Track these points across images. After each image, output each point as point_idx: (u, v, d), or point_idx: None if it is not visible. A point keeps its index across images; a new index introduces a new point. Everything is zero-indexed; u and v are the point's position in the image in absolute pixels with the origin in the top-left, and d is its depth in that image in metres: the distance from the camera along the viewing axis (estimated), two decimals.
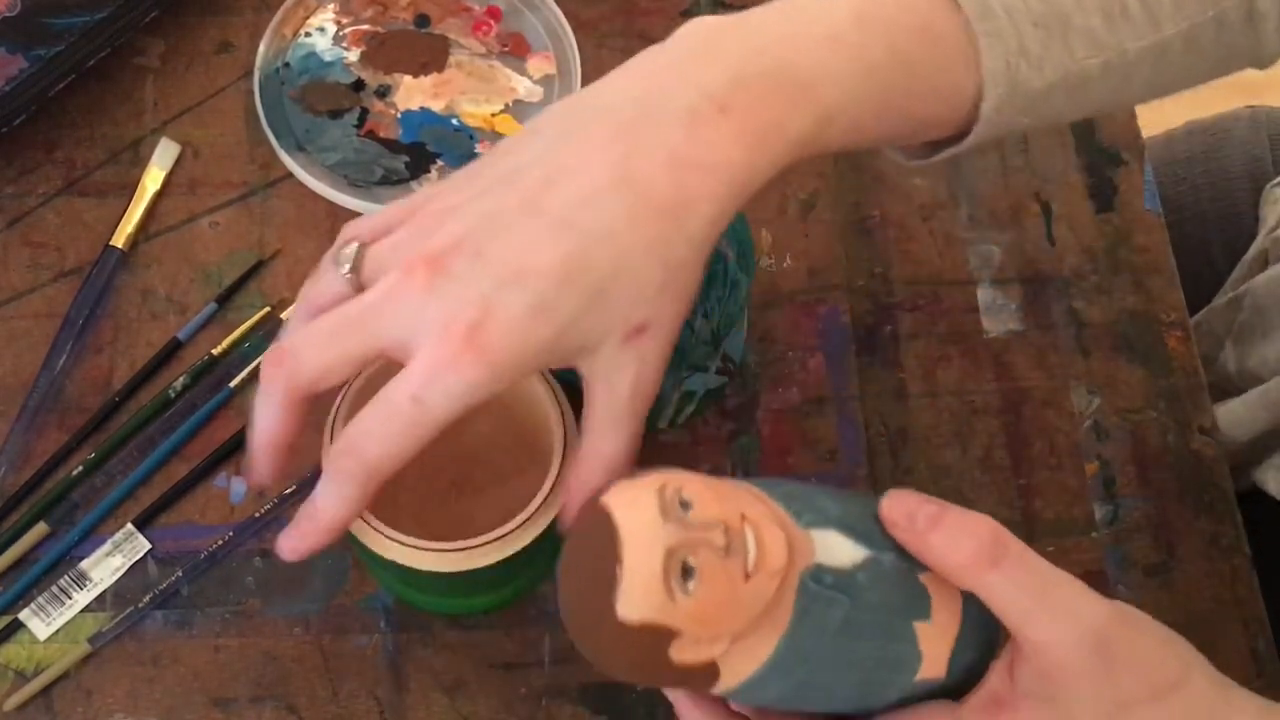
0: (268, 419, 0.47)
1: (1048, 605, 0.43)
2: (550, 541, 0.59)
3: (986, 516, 0.44)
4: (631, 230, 0.44)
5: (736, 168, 0.45)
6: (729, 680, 0.42)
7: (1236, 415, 0.72)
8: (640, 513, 0.41)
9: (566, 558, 0.43)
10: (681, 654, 0.40)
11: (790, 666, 0.42)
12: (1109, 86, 0.53)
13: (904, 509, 0.44)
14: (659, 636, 0.40)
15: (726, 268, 0.58)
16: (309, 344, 0.46)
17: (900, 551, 0.43)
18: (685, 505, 0.41)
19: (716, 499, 0.41)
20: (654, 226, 0.44)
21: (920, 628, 0.43)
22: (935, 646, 0.44)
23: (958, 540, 0.43)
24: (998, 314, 0.71)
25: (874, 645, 0.43)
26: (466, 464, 0.63)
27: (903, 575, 0.44)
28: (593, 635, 0.41)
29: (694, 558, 0.40)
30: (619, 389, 0.46)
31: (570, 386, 0.60)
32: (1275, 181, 0.85)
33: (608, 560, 0.40)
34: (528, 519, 0.54)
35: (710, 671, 0.42)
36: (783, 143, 0.46)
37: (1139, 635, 0.44)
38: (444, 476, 0.63)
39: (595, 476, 0.46)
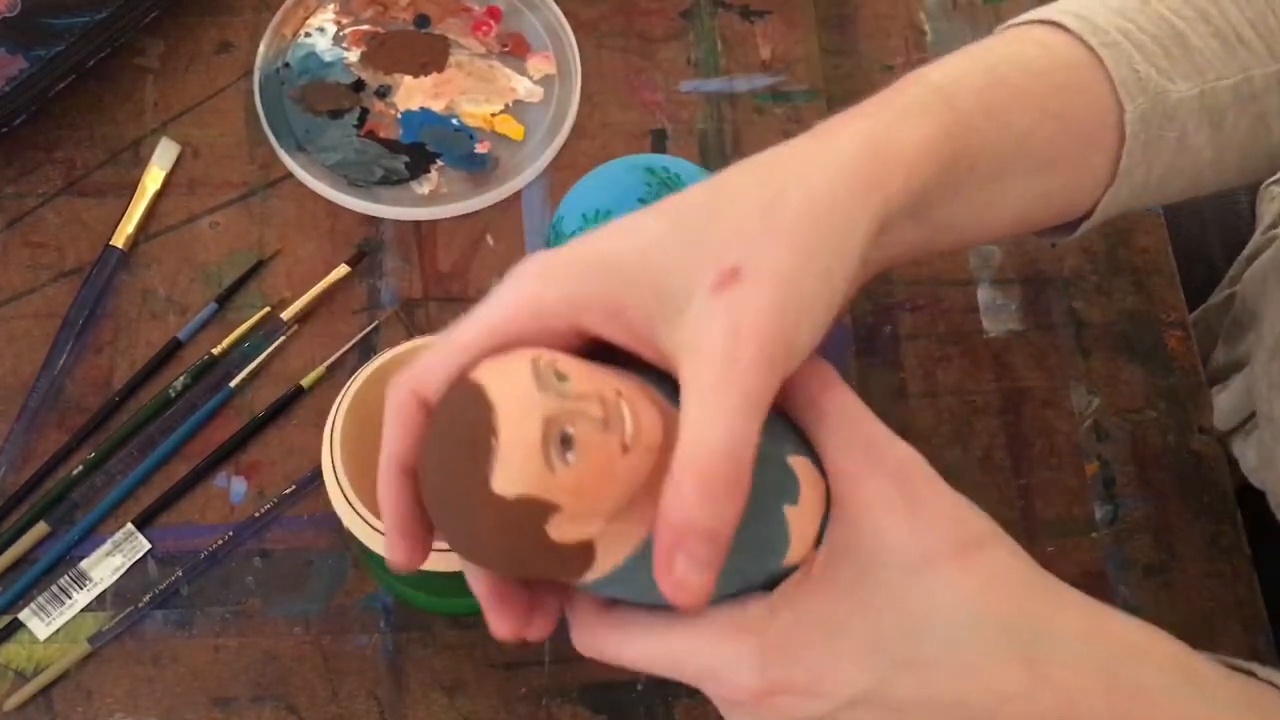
0: None
1: (857, 432, 0.41)
2: None
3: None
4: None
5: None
6: (601, 566, 0.40)
7: (1227, 403, 0.71)
8: (514, 382, 0.38)
9: (433, 436, 0.40)
10: (559, 531, 0.38)
11: None
12: (1247, 118, 0.52)
13: None
14: (537, 512, 0.37)
15: None
16: None
17: (768, 435, 0.40)
18: (560, 377, 0.38)
19: (590, 373, 0.39)
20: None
21: (788, 511, 0.42)
22: (803, 529, 0.42)
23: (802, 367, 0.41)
24: (998, 314, 0.71)
25: (745, 529, 0.40)
26: None
27: (771, 459, 0.42)
28: (463, 515, 0.38)
29: (572, 428, 0.37)
30: (708, 350, 0.38)
31: None
32: (1273, 179, 0.85)
33: (481, 432, 0.37)
34: None
35: (586, 554, 0.39)
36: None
37: (942, 486, 0.41)
38: None
39: (688, 484, 0.37)
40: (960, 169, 0.45)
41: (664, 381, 0.41)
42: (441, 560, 0.54)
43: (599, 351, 0.41)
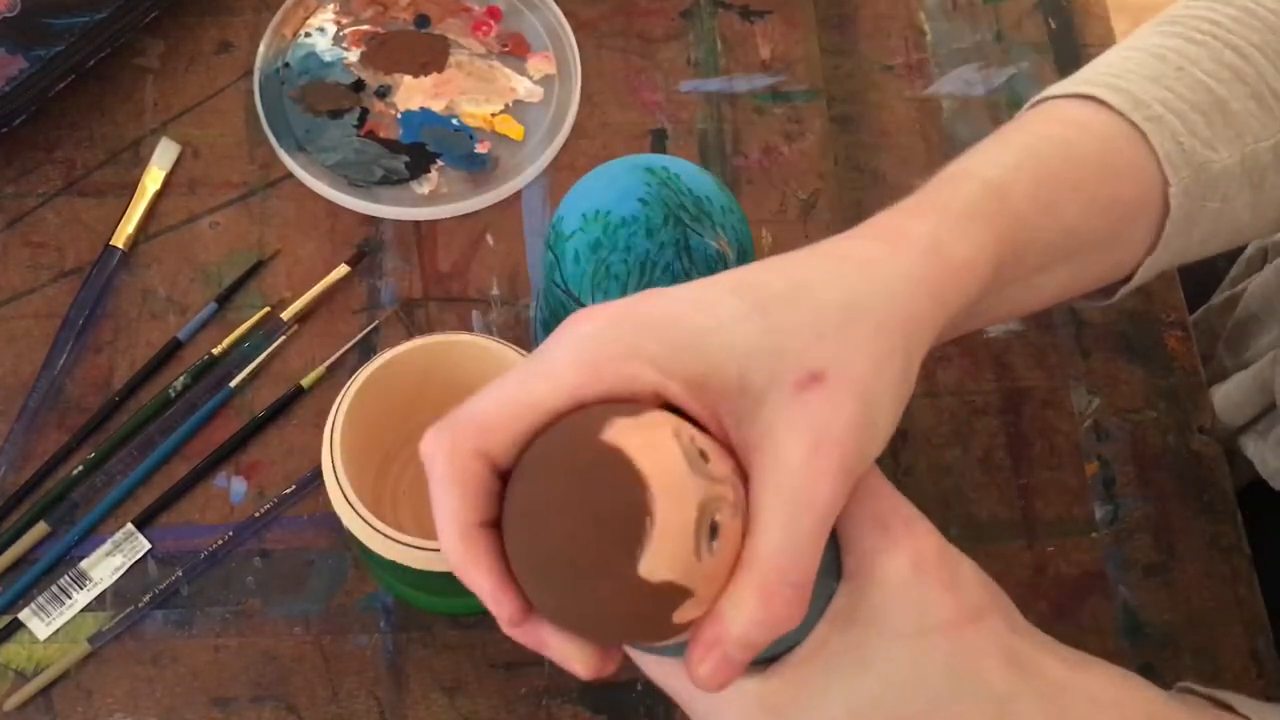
0: None
1: (880, 515, 0.41)
2: None
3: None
4: None
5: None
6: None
7: (1231, 399, 0.71)
8: (668, 460, 0.36)
9: (547, 501, 0.37)
10: (683, 615, 0.38)
11: None
12: None
13: None
14: (674, 597, 0.37)
15: (726, 269, 0.58)
16: None
17: None
18: (704, 458, 0.37)
19: (720, 452, 0.39)
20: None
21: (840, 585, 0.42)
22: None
23: None
24: None
25: (816, 607, 0.41)
26: None
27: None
28: (592, 590, 0.37)
29: (719, 515, 0.37)
30: (788, 461, 0.38)
31: None
32: None
33: (635, 512, 0.36)
34: None
35: (687, 633, 0.39)
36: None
37: (952, 561, 0.42)
38: None
39: (751, 598, 0.37)
40: (1008, 265, 0.46)
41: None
42: (442, 560, 0.54)
43: None
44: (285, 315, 0.68)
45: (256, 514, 0.64)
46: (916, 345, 0.42)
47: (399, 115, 0.73)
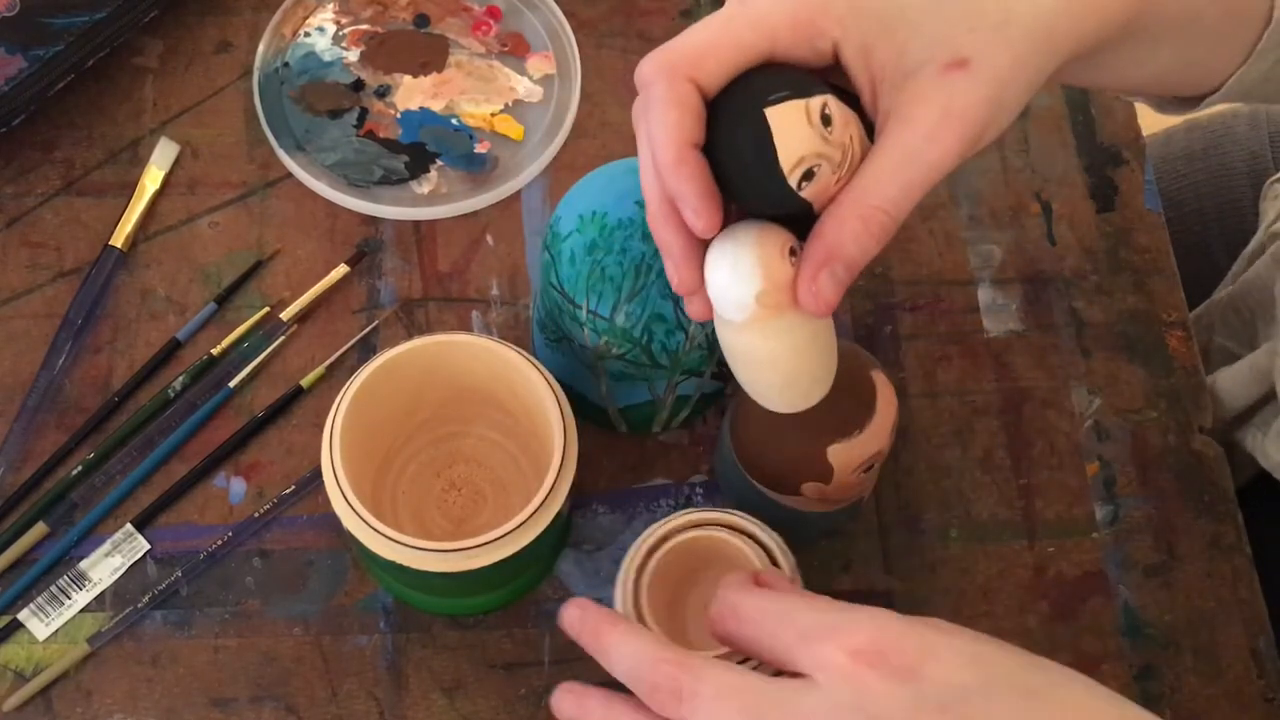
0: None
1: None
2: (550, 541, 0.59)
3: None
4: None
5: None
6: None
7: (1226, 387, 0.71)
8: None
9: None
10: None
11: None
12: None
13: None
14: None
15: None
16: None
17: None
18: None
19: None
20: None
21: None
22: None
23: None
24: (998, 314, 0.71)
25: None
26: (466, 464, 0.63)
27: None
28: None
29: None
30: (917, 123, 0.45)
31: (570, 388, 0.60)
32: (1275, 177, 0.84)
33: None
34: (527, 519, 0.54)
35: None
36: None
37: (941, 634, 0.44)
38: (444, 476, 0.63)
39: (852, 220, 0.45)
40: (1136, 26, 0.49)
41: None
42: (442, 560, 0.54)
43: None
44: (285, 315, 0.68)
45: (256, 514, 0.64)
46: (1049, 57, 0.47)
47: (398, 115, 0.73)
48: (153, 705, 0.61)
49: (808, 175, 0.44)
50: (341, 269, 0.69)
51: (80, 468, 0.64)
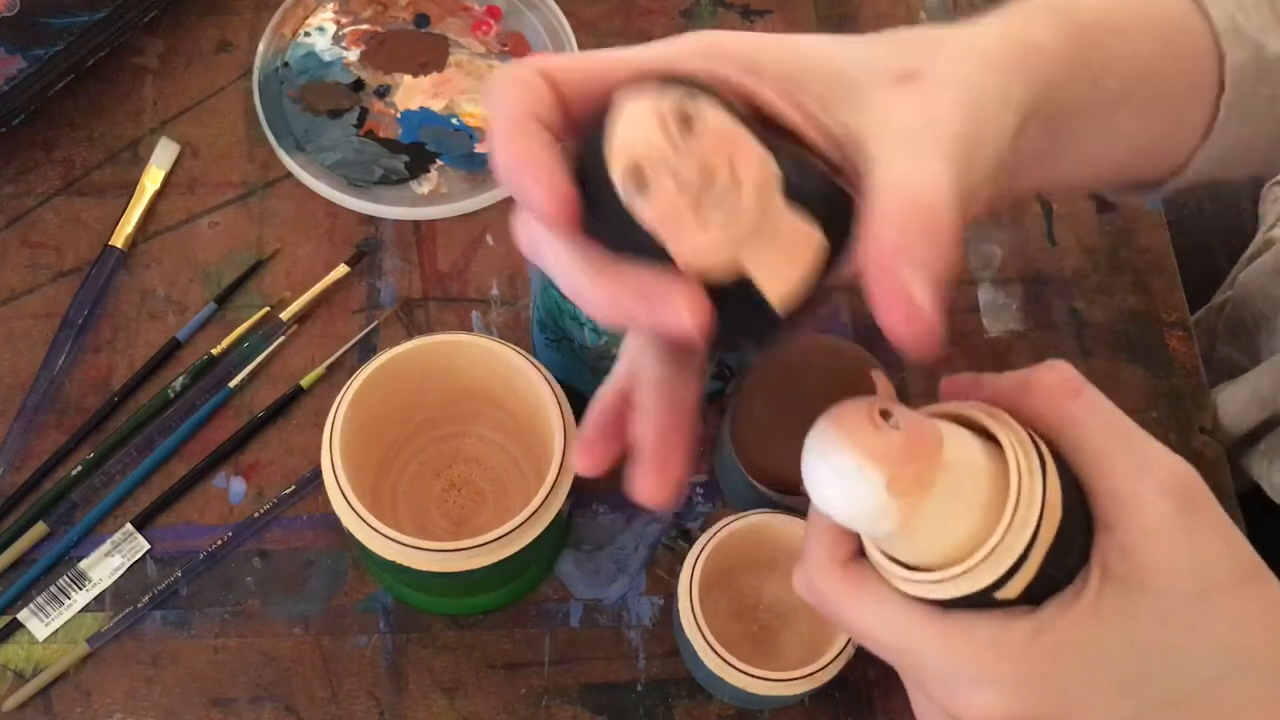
0: None
1: (1127, 448, 0.39)
2: (550, 542, 0.59)
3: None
4: None
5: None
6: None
7: (1228, 409, 0.71)
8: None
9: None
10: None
11: None
12: None
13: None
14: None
15: None
16: None
17: None
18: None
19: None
20: None
21: None
22: None
23: (1039, 372, 0.40)
24: (998, 314, 0.71)
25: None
26: (466, 464, 0.63)
27: None
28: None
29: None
30: (904, 123, 0.38)
31: (570, 388, 0.60)
32: (1275, 180, 0.84)
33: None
34: (527, 519, 0.54)
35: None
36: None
37: (1218, 509, 0.39)
38: (444, 477, 0.63)
39: (891, 216, 0.37)
40: (1085, 78, 0.44)
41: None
42: (442, 560, 0.54)
43: None
44: (284, 315, 0.68)
45: (256, 514, 0.64)
46: (1008, 90, 0.40)
47: (398, 115, 0.73)
48: (152, 705, 0.60)
49: (641, 185, 0.36)
50: (341, 269, 0.69)
51: (80, 468, 0.64)
